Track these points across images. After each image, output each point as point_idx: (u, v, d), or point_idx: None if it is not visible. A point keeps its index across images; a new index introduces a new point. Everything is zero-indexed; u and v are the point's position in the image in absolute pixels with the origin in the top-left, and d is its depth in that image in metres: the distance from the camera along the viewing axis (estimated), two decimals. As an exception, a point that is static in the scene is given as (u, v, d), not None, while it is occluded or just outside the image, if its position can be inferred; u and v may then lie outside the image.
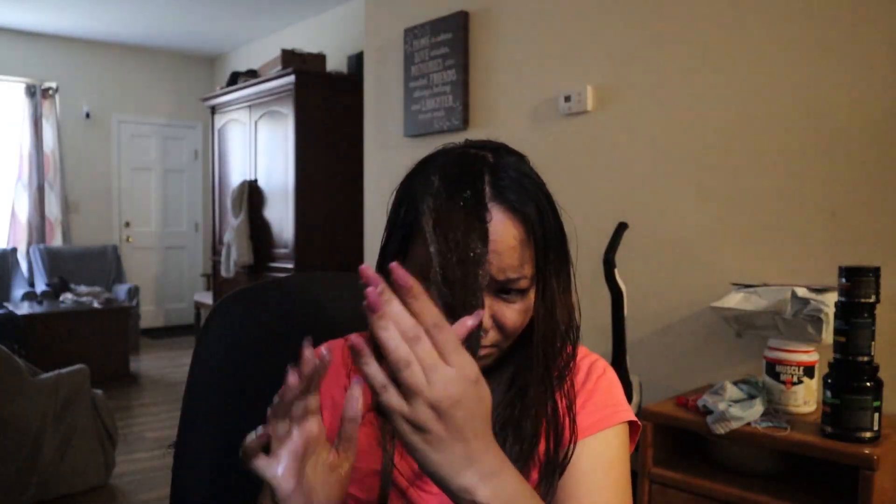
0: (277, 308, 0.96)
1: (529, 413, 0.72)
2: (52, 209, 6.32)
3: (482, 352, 0.71)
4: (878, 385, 1.57)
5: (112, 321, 4.97)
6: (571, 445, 0.73)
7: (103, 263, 6.27)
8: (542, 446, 0.73)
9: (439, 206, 0.66)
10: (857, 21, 1.93)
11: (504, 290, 0.70)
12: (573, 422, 0.74)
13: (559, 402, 0.74)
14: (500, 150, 0.74)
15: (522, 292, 0.71)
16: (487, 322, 0.70)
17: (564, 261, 0.75)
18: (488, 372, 0.76)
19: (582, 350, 0.84)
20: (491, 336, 0.71)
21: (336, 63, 5.14)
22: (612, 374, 0.83)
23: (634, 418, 0.81)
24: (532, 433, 0.72)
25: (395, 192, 0.76)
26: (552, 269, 0.72)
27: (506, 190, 0.69)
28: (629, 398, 2.09)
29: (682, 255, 2.31)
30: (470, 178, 0.68)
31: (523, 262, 0.69)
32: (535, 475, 0.73)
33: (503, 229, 0.68)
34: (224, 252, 5.26)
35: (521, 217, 0.69)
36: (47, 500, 2.80)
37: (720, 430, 1.69)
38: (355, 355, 0.52)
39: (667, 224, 2.35)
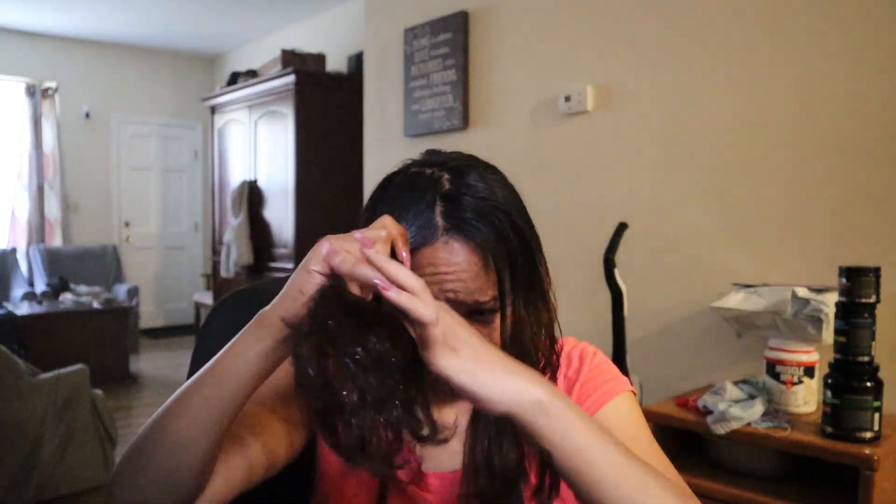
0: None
1: (508, 424, 0.73)
2: (52, 209, 6.31)
3: None
4: (879, 385, 1.57)
5: (112, 321, 4.97)
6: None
7: (103, 263, 6.26)
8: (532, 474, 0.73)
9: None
10: (857, 21, 1.93)
11: (476, 311, 0.70)
12: None
13: None
14: (461, 168, 0.72)
15: (494, 311, 0.71)
16: None
17: (534, 277, 0.73)
18: None
19: (570, 342, 0.85)
20: None
21: (336, 63, 5.14)
22: (601, 355, 0.85)
23: (633, 389, 0.83)
24: (516, 457, 0.72)
25: (363, 212, 0.75)
26: (520, 290, 0.71)
27: (460, 219, 0.68)
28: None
29: (682, 255, 2.31)
30: (421, 208, 0.68)
31: (487, 286, 0.69)
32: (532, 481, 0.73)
33: (462, 259, 0.68)
34: (224, 252, 5.26)
35: (478, 245, 0.68)
36: (47, 500, 2.80)
37: (720, 430, 1.68)
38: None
39: (667, 224, 2.35)
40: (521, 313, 0.72)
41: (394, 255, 0.62)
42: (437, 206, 0.68)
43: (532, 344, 0.73)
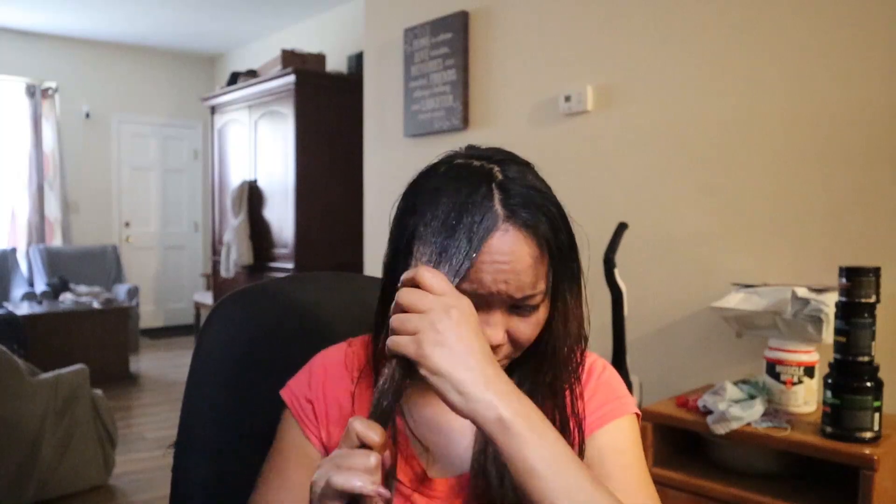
0: (277, 308, 0.96)
1: None
2: (52, 209, 6.31)
3: None
4: (879, 385, 1.57)
5: (112, 321, 4.97)
6: (579, 447, 0.73)
7: (103, 263, 6.26)
8: None
9: (442, 229, 0.67)
10: (856, 21, 1.93)
11: (518, 305, 0.70)
12: (580, 428, 0.74)
13: (567, 407, 0.75)
14: (506, 161, 0.72)
15: (535, 307, 0.71)
16: (501, 337, 0.70)
17: (576, 271, 0.74)
18: None
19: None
20: (504, 350, 0.71)
21: (336, 63, 5.14)
22: (612, 371, 0.84)
23: (638, 411, 0.83)
24: None
25: (398, 203, 0.74)
26: (566, 282, 0.72)
27: (517, 207, 0.68)
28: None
29: (682, 255, 2.31)
30: (479, 198, 0.67)
31: (538, 279, 0.69)
32: None
33: (518, 248, 0.67)
34: (224, 252, 5.26)
35: (535, 234, 0.68)
36: (47, 500, 2.80)
37: (720, 430, 1.68)
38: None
39: (667, 224, 2.35)
40: (568, 304, 0.73)
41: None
42: (494, 195, 0.67)
43: (576, 337, 0.74)
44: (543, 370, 0.74)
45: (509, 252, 0.66)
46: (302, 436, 0.78)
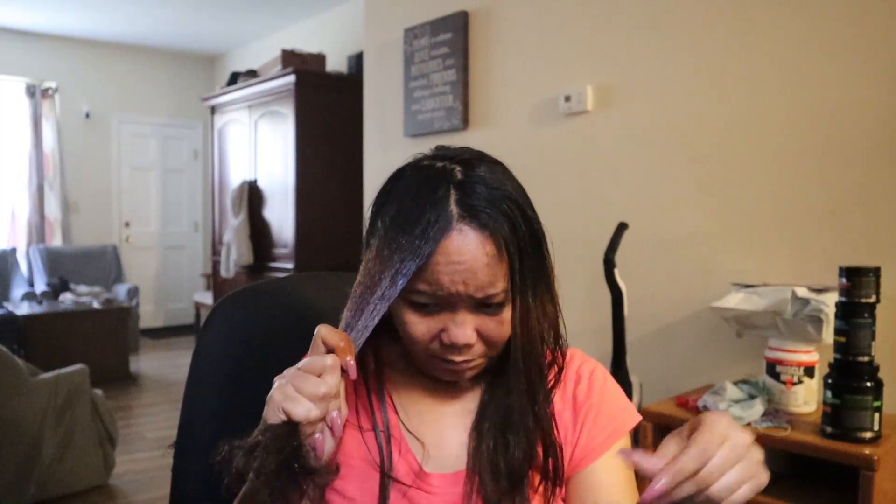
0: (277, 308, 0.96)
1: (515, 420, 0.74)
2: (52, 209, 6.32)
3: (470, 363, 0.72)
4: (879, 385, 1.57)
5: (112, 321, 4.97)
6: (557, 450, 0.75)
7: (103, 263, 6.26)
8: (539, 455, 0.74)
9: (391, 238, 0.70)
10: (856, 21, 1.93)
11: (483, 304, 0.70)
12: (555, 441, 0.75)
13: (547, 413, 0.75)
14: (471, 161, 0.72)
15: (502, 304, 0.70)
16: (470, 335, 0.70)
17: (542, 269, 0.72)
18: (479, 377, 0.77)
19: (578, 355, 0.84)
20: (477, 349, 0.71)
21: (336, 63, 5.14)
22: (611, 381, 0.84)
23: (640, 416, 0.83)
24: (525, 441, 0.73)
25: (371, 204, 0.76)
26: (528, 280, 0.71)
27: (474, 207, 0.68)
28: (629, 398, 2.09)
29: (682, 255, 2.31)
30: (435, 198, 0.68)
31: (498, 278, 0.69)
32: (535, 481, 0.74)
33: (474, 247, 0.67)
34: (224, 252, 5.26)
35: (491, 233, 0.68)
36: (47, 500, 2.80)
37: (720, 430, 1.68)
38: None
39: (667, 224, 2.35)
40: (529, 304, 0.71)
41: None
42: (451, 195, 0.68)
43: (539, 337, 0.74)
44: (517, 376, 0.73)
45: (464, 252, 0.67)
46: None
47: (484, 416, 0.75)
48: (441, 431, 0.78)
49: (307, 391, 0.64)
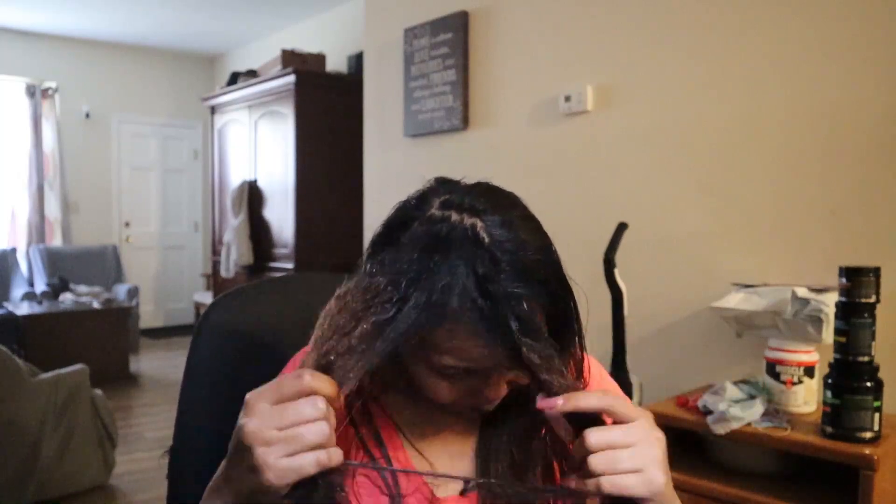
0: (271, 308, 0.95)
1: (524, 435, 0.73)
2: (52, 209, 6.31)
3: (488, 405, 0.70)
4: (879, 385, 1.57)
5: (112, 321, 4.97)
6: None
7: (103, 263, 6.26)
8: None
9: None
10: (856, 20, 1.92)
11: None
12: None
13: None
14: (488, 211, 0.63)
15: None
16: (504, 390, 0.68)
17: (572, 317, 0.68)
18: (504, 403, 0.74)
19: None
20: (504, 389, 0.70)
21: (336, 63, 5.14)
22: (607, 377, 0.84)
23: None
24: (536, 457, 0.72)
25: (371, 250, 0.69)
26: (563, 329, 0.67)
27: (506, 280, 0.60)
28: (629, 398, 2.09)
29: (682, 255, 2.30)
30: (458, 276, 0.59)
31: None
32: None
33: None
34: (224, 252, 5.26)
35: (532, 304, 0.62)
36: (47, 500, 2.80)
37: (720, 430, 1.68)
38: None
39: (667, 224, 2.35)
40: (566, 354, 0.68)
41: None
42: (477, 270, 0.60)
43: (570, 384, 0.69)
44: (541, 416, 0.69)
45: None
46: None
47: (489, 440, 0.74)
48: (448, 450, 0.76)
49: (309, 443, 0.56)
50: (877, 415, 1.55)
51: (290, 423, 0.56)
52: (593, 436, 0.60)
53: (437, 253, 0.61)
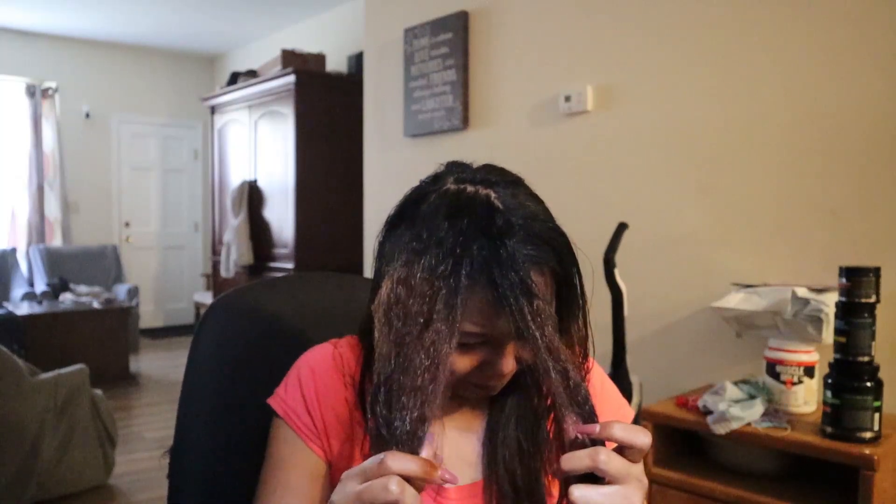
0: (272, 308, 0.95)
1: (531, 427, 0.73)
2: (52, 209, 6.31)
3: (497, 381, 0.70)
4: (879, 385, 1.57)
5: (112, 321, 4.97)
6: None
7: (103, 263, 6.26)
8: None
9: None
10: (856, 21, 1.92)
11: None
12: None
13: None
14: (499, 184, 0.67)
15: None
16: (514, 365, 0.68)
17: (580, 291, 0.70)
18: (503, 394, 0.74)
19: None
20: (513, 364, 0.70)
21: (336, 63, 5.14)
22: (608, 381, 0.84)
23: (633, 412, 0.84)
24: (539, 467, 0.72)
25: (385, 230, 0.70)
26: (572, 304, 0.69)
27: (520, 243, 0.63)
28: (629, 398, 2.09)
29: (682, 255, 2.31)
30: (489, 234, 0.62)
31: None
32: (552, 488, 0.72)
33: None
34: (224, 252, 5.26)
35: (541, 270, 0.65)
36: (47, 500, 2.80)
37: (720, 430, 1.68)
38: None
39: (667, 224, 2.35)
40: (573, 328, 0.70)
41: None
42: (496, 233, 0.63)
43: (566, 360, 0.71)
44: (535, 387, 0.71)
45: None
46: (305, 448, 0.75)
47: (497, 428, 0.74)
48: (455, 441, 0.76)
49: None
50: (877, 415, 1.55)
51: (368, 501, 0.56)
52: (577, 491, 0.58)
53: (459, 218, 0.63)
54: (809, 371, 1.76)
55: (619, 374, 2.09)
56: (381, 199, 3.51)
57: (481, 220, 0.63)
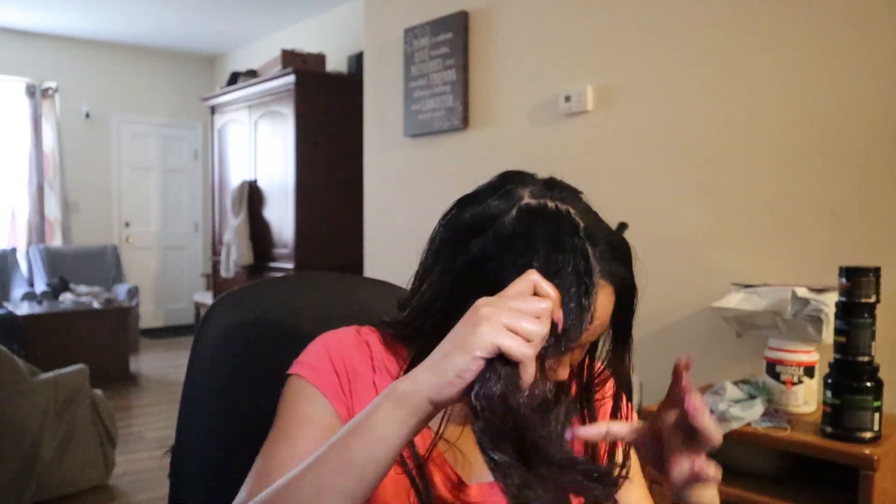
0: (272, 308, 0.96)
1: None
2: (52, 209, 6.31)
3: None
4: (879, 385, 1.57)
5: (112, 321, 4.97)
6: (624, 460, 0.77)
7: (103, 263, 6.26)
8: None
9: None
10: (856, 20, 1.92)
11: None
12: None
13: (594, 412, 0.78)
14: (569, 200, 0.70)
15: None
16: (567, 371, 0.70)
17: (635, 304, 0.73)
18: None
19: None
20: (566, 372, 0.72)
21: (336, 63, 5.14)
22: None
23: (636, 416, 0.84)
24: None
25: (455, 239, 0.70)
26: (623, 320, 0.72)
27: (605, 258, 0.66)
28: (629, 398, 2.09)
29: (682, 255, 2.31)
30: (574, 252, 0.64)
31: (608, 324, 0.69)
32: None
33: (609, 303, 0.66)
34: (224, 252, 5.26)
35: (617, 282, 0.67)
36: (47, 500, 2.80)
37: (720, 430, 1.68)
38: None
39: (667, 224, 2.35)
40: (628, 342, 0.73)
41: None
42: (588, 248, 0.65)
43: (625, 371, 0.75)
44: (583, 397, 0.74)
45: (603, 308, 0.66)
46: (330, 409, 0.72)
47: None
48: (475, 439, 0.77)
49: (525, 331, 0.55)
50: (877, 415, 1.55)
51: (520, 309, 0.57)
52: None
53: (548, 238, 0.65)
54: (809, 371, 1.76)
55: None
56: (381, 199, 3.51)
57: (570, 235, 0.65)
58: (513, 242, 0.65)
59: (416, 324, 0.72)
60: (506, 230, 0.66)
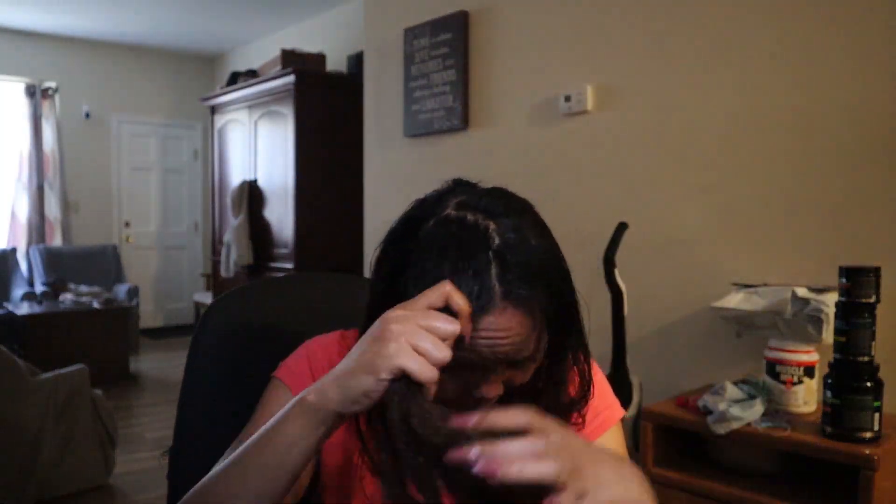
0: (271, 308, 0.96)
1: None
2: (52, 209, 6.31)
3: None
4: (879, 385, 1.57)
5: (112, 321, 4.97)
6: None
7: (103, 263, 6.26)
8: None
9: None
10: (856, 21, 1.92)
11: (516, 363, 0.69)
12: None
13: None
14: (502, 215, 0.67)
15: (534, 360, 0.70)
16: (499, 389, 0.69)
17: (578, 328, 0.72)
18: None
19: None
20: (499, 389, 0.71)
21: (336, 63, 5.14)
22: (600, 374, 0.84)
23: (623, 411, 0.85)
24: None
25: (382, 247, 0.72)
26: (561, 341, 0.70)
27: (515, 281, 0.64)
28: (629, 398, 2.09)
29: (682, 255, 2.30)
30: (474, 270, 0.63)
31: (538, 342, 0.68)
32: None
33: (516, 324, 0.65)
34: (224, 252, 5.26)
35: (531, 309, 0.65)
36: (47, 500, 2.80)
37: (720, 430, 1.68)
38: None
39: (667, 224, 2.35)
40: (561, 364, 0.72)
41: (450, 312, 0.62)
42: (492, 268, 0.64)
43: (564, 397, 0.74)
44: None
45: (507, 328, 0.64)
46: None
47: None
48: None
49: (430, 354, 0.57)
50: (877, 415, 1.55)
51: (429, 327, 0.58)
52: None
53: (452, 251, 0.65)
54: (809, 371, 1.76)
55: (619, 375, 2.09)
56: (380, 199, 3.51)
57: (476, 256, 0.64)
58: (427, 250, 0.66)
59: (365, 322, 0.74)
60: (422, 237, 0.67)
